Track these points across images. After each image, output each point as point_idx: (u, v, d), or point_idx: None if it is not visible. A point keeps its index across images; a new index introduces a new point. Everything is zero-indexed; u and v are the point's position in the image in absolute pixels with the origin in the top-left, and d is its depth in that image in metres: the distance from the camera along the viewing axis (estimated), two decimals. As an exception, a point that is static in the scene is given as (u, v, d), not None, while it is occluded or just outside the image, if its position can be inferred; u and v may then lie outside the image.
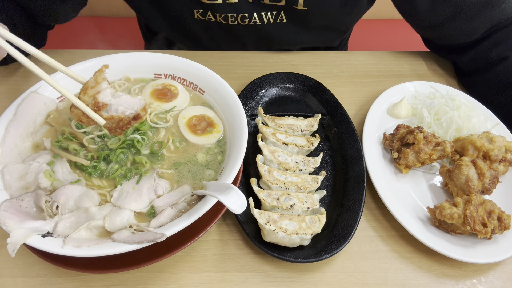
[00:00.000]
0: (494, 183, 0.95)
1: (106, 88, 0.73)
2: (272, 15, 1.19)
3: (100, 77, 0.72)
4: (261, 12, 1.17)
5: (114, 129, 0.74)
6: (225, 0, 1.13)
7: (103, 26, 2.10)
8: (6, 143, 0.81)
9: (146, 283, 0.83)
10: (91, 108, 0.72)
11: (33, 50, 0.69)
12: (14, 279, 0.82)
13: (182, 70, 1.00)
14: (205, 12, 1.15)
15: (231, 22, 1.18)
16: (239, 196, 0.66)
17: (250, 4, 1.15)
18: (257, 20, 1.19)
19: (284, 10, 1.18)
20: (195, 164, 0.86)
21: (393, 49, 1.44)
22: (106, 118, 0.73)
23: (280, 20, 1.21)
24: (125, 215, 0.75)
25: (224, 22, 1.18)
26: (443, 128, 1.11)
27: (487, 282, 0.89)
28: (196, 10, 1.15)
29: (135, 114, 0.73)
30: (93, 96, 0.72)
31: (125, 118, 0.73)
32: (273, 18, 1.20)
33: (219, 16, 1.16)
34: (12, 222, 0.68)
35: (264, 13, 1.18)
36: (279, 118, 1.09)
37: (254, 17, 1.18)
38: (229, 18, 1.17)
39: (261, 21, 1.20)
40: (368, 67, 1.35)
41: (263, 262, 0.88)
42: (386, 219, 0.97)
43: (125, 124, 0.74)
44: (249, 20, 1.19)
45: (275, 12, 1.18)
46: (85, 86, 0.73)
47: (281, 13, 1.19)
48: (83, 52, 1.31)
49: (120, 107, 0.73)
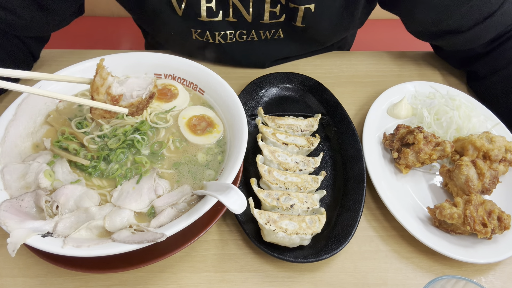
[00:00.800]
0: (494, 183, 0.95)
1: (113, 80, 0.75)
2: (270, 32, 1.20)
3: (104, 73, 0.74)
4: (260, 30, 1.18)
5: (135, 112, 0.78)
6: (224, 18, 1.13)
7: (103, 26, 2.10)
8: (6, 143, 0.81)
9: (146, 283, 0.83)
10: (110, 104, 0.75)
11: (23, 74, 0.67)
12: (14, 279, 0.82)
13: (182, 70, 1.00)
14: (203, 32, 1.15)
15: (229, 40, 1.18)
16: (239, 196, 0.66)
17: (249, 23, 1.16)
18: (255, 37, 1.20)
19: (282, 27, 1.18)
20: (195, 164, 0.86)
21: (393, 49, 1.44)
22: (126, 106, 0.76)
23: (277, 37, 1.22)
24: (125, 215, 0.75)
25: (223, 41, 1.18)
26: (443, 128, 1.11)
27: (487, 282, 0.89)
28: (194, 30, 1.15)
29: (150, 94, 0.77)
30: (106, 92, 0.74)
31: (143, 100, 0.77)
32: (270, 35, 1.21)
33: (218, 35, 1.16)
34: (12, 222, 0.68)
35: (263, 31, 1.19)
36: (279, 118, 1.09)
37: (252, 33, 1.19)
38: (228, 35, 1.17)
39: (258, 38, 1.21)
40: (368, 67, 1.35)
41: (263, 262, 0.88)
42: (386, 219, 0.97)
43: (145, 105, 0.78)
44: (247, 37, 1.20)
45: (273, 31, 1.19)
46: (93, 86, 0.75)
47: (279, 30, 1.19)
48: (83, 52, 1.31)
49: (134, 92, 0.77)
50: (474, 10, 1.10)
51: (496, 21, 1.13)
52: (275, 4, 1.11)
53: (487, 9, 1.11)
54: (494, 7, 1.11)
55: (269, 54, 1.26)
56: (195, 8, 1.10)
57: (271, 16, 1.14)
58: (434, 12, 1.13)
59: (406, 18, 1.25)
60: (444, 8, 1.11)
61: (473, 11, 1.11)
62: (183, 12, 1.11)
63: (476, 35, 1.17)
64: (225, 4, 1.11)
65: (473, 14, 1.11)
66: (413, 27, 1.27)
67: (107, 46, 1.56)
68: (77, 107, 0.94)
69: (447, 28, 1.17)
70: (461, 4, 1.09)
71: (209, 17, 1.12)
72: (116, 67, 0.99)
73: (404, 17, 1.25)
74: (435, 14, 1.14)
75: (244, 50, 1.23)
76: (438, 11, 1.13)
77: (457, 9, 1.11)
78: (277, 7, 1.11)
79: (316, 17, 1.12)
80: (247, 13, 1.12)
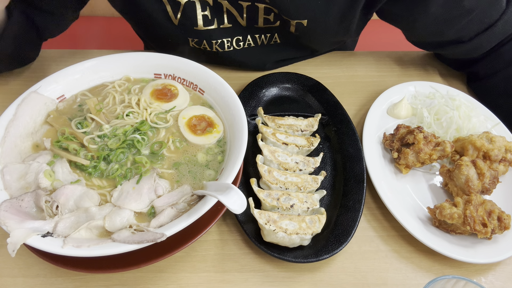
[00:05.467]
0: (494, 183, 0.95)
1: None
2: (266, 37, 1.19)
3: None
4: (255, 34, 1.18)
5: None
6: (219, 25, 1.13)
7: (103, 26, 2.10)
8: (6, 143, 0.81)
9: (146, 283, 0.83)
10: None
11: None
12: (14, 279, 0.82)
13: (182, 70, 1.00)
14: (200, 41, 1.15)
15: (227, 48, 1.18)
16: (239, 196, 0.66)
17: (244, 28, 1.15)
18: (251, 42, 1.20)
19: (278, 32, 1.18)
20: (195, 164, 0.86)
21: (393, 49, 1.44)
22: None
23: (274, 42, 1.22)
24: (125, 215, 0.75)
25: (221, 50, 1.18)
26: (443, 128, 1.11)
27: (487, 282, 0.89)
28: (191, 39, 1.15)
29: None
30: None
31: None
32: (267, 40, 1.20)
33: (215, 44, 1.16)
34: (12, 222, 0.68)
35: (258, 35, 1.18)
36: (279, 118, 1.09)
37: (248, 39, 1.19)
38: (225, 43, 1.17)
39: (255, 43, 1.20)
40: (368, 67, 1.35)
41: (263, 262, 0.88)
42: (386, 219, 0.97)
43: None
44: (244, 43, 1.19)
45: (269, 35, 1.19)
46: None
47: (275, 35, 1.19)
48: (83, 52, 1.31)
49: None
50: (475, 21, 1.10)
51: (497, 31, 1.13)
52: (269, 13, 1.10)
53: (488, 20, 1.11)
54: (494, 17, 1.10)
55: (267, 59, 1.26)
56: (191, 17, 1.09)
57: (265, 22, 1.14)
58: (435, 25, 1.13)
59: (407, 31, 1.25)
60: (444, 21, 1.11)
61: (474, 22, 1.11)
62: (179, 22, 1.10)
63: (477, 45, 1.17)
64: (220, 11, 1.10)
65: (474, 25, 1.12)
66: (414, 39, 1.27)
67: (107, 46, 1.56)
68: (77, 107, 0.94)
69: (447, 39, 1.18)
70: (462, 17, 1.09)
71: (205, 25, 1.11)
72: (116, 67, 0.99)
73: (404, 30, 1.25)
74: (435, 27, 1.14)
75: (242, 57, 1.23)
76: (438, 24, 1.12)
77: (457, 22, 1.10)
78: (271, 14, 1.11)
79: (309, 30, 1.12)
80: (241, 18, 1.12)
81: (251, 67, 1.27)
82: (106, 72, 0.99)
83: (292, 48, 1.25)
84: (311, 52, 1.31)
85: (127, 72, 1.01)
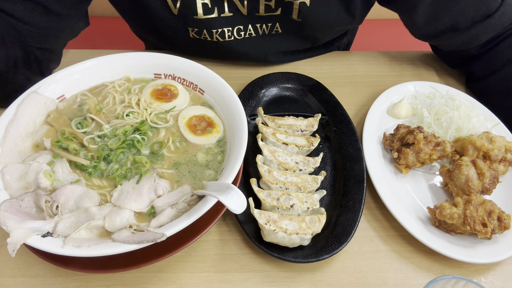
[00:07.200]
0: (494, 183, 0.95)
1: None
2: (268, 27, 1.19)
3: None
4: (256, 24, 1.18)
5: None
6: (220, 14, 1.12)
7: (103, 26, 2.10)
8: (6, 143, 0.81)
9: (146, 283, 0.83)
10: None
11: None
12: (14, 279, 0.82)
13: (182, 70, 1.00)
14: (200, 30, 1.14)
15: (228, 38, 1.17)
16: (239, 196, 0.66)
17: (245, 17, 1.15)
18: (252, 32, 1.19)
19: (279, 21, 1.18)
20: (195, 164, 0.86)
21: (393, 49, 1.44)
22: None
23: (275, 31, 1.21)
24: (125, 215, 0.74)
25: (222, 39, 1.17)
26: (443, 128, 1.11)
27: (487, 282, 0.89)
28: (191, 29, 1.14)
29: None
30: None
31: None
32: (268, 30, 1.20)
33: (216, 33, 1.15)
34: (12, 222, 0.68)
35: (259, 25, 1.18)
36: (279, 118, 1.09)
37: (249, 29, 1.18)
38: (226, 32, 1.16)
39: (256, 33, 1.20)
40: (368, 67, 1.35)
41: (263, 262, 0.88)
42: (386, 219, 0.97)
43: None
44: (245, 33, 1.19)
45: (270, 24, 1.19)
46: None
47: (276, 24, 1.19)
48: (83, 52, 1.31)
49: None
50: (470, 6, 1.11)
51: (494, 23, 1.13)
52: None
53: (484, 7, 1.11)
54: (491, 7, 1.11)
55: (269, 49, 1.26)
56: (191, 5, 1.09)
57: (267, 9, 1.13)
58: (432, 7, 1.14)
59: (404, 15, 1.24)
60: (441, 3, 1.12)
61: (469, 8, 1.11)
62: (178, 11, 1.10)
63: (473, 36, 1.17)
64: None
65: (470, 11, 1.12)
66: (411, 26, 1.27)
67: (107, 46, 1.56)
68: (77, 107, 0.94)
69: (444, 26, 1.18)
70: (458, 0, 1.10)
71: (205, 14, 1.11)
72: (116, 67, 0.99)
73: (402, 13, 1.25)
74: (432, 10, 1.14)
75: (243, 47, 1.22)
76: (435, 6, 1.13)
77: (454, 5, 1.11)
78: (272, 0, 1.10)
79: (312, 11, 1.12)
80: (242, 6, 1.11)
81: (252, 58, 1.27)
82: (106, 72, 0.99)
83: (293, 38, 1.25)
84: (313, 41, 1.30)
85: (127, 72, 1.01)
